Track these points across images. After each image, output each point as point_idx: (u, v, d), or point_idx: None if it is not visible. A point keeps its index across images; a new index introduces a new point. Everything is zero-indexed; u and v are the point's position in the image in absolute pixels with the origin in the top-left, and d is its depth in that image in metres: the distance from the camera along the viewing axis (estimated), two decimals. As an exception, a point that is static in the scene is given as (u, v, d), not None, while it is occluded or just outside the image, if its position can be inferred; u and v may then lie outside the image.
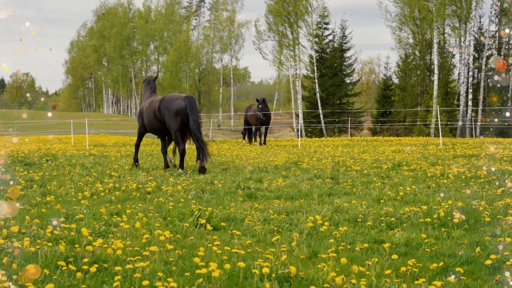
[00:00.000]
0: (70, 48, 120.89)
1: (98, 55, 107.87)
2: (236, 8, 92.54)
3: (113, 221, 7.87)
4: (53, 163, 15.91)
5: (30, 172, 13.45)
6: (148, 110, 15.56)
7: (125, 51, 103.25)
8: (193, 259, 5.84)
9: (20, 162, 15.97)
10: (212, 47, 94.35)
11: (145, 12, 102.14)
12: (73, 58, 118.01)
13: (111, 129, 61.88)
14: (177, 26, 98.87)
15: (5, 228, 7.10)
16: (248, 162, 16.48)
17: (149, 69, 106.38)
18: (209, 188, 11.02)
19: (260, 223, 7.84)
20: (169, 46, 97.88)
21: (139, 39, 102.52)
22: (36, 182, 11.64)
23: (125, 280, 5.24)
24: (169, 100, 15.02)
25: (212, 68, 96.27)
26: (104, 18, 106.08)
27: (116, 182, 11.62)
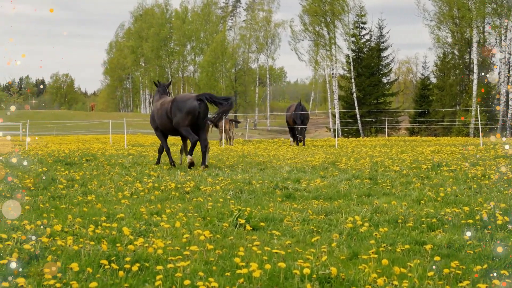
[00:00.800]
0: (108, 49, 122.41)
1: (136, 56, 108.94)
2: (272, 8, 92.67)
3: (153, 220, 7.94)
4: (93, 163, 16.12)
5: (71, 171, 13.66)
6: (161, 111, 15.93)
7: (162, 52, 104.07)
8: (233, 259, 5.85)
9: (61, 162, 16.22)
10: (248, 47, 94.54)
11: (182, 13, 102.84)
12: (112, 59, 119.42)
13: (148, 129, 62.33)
14: (213, 27, 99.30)
15: (48, 227, 7.23)
16: (285, 162, 16.46)
17: (186, 69, 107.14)
18: (247, 188, 11.04)
19: (299, 223, 7.82)
20: (205, 47, 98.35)
21: (176, 40, 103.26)
22: (77, 182, 11.81)
23: (166, 279, 5.29)
24: (181, 101, 15.41)
25: (248, 68, 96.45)
26: (142, 19, 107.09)
27: (155, 182, 11.72)
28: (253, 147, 26.26)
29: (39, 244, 6.32)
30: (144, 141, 36.63)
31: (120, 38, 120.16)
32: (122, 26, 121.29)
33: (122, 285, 5.12)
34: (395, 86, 74.60)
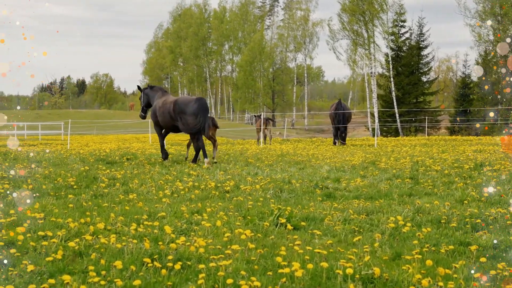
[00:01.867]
0: (147, 49, 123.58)
1: (174, 56, 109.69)
2: (310, 7, 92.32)
3: (194, 219, 7.98)
4: (133, 162, 16.29)
5: (112, 170, 13.82)
6: (163, 109, 16.88)
7: (201, 51, 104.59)
8: (275, 258, 5.84)
9: (102, 161, 16.42)
10: (286, 46, 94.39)
11: (221, 12, 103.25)
12: (150, 59, 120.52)
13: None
14: (251, 26, 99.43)
15: (91, 225, 7.32)
16: (324, 162, 16.38)
17: (224, 69, 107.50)
18: (287, 187, 11.02)
19: (340, 223, 7.77)
20: (243, 46, 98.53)
21: (214, 39, 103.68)
22: (119, 180, 11.95)
23: (209, 278, 5.30)
24: (184, 104, 16.43)
25: (286, 67, 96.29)
26: (180, 19, 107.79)
27: (195, 181, 11.78)
28: (291, 146, 26.21)
29: (83, 242, 6.41)
30: (183, 140, 36.85)
31: (159, 38, 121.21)
32: (160, 26, 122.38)
33: (165, 283, 5.15)
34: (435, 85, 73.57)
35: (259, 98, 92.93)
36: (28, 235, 6.72)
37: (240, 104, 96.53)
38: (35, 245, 6.31)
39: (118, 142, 34.55)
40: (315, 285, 5.18)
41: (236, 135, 56.21)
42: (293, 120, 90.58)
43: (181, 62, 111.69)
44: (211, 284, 5.17)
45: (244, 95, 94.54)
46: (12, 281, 5.04)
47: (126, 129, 61.88)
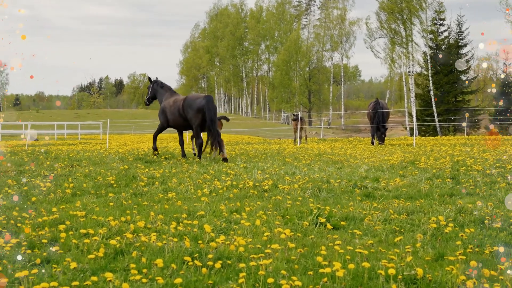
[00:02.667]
0: (184, 49, 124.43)
1: (211, 56, 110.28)
2: (347, 6, 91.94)
3: (233, 218, 7.98)
4: (171, 161, 16.39)
5: (151, 169, 13.92)
6: (173, 107, 17.72)
7: (237, 51, 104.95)
8: (315, 258, 5.80)
9: (141, 160, 16.56)
10: (323, 45, 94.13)
11: (257, 12, 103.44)
12: (187, 58, 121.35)
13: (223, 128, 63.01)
14: (287, 25, 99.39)
15: (132, 223, 7.38)
16: (362, 161, 16.25)
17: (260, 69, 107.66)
18: (325, 186, 10.95)
19: (381, 223, 7.69)
20: (279, 45, 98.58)
21: (251, 39, 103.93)
22: (157, 179, 12.03)
23: (249, 277, 5.29)
24: (192, 100, 17.26)
25: (322, 67, 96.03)
26: (217, 19, 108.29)
27: (233, 180, 11.79)
28: (328, 145, 26.06)
29: (124, 240, 6.46)
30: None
31: (196, 38, 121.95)
32: (197, 26, 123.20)
33: (205, 282, 5.15)
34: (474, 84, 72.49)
35: (295, 97, 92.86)
36: (70, 233, 6.81)
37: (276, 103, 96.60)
38: (77, 242, 6.38)
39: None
40: (356, 285, 5.12)
41: (272, 135, 56.25)
42: (329, 120, 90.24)
43: (217, 61, 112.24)
44: (252, 283, 5.16)
45: (280, 94, 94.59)
46: (56, 277, 5.10)
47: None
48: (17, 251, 6.03)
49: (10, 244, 6.14)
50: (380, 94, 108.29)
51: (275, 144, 30.18)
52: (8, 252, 5.97)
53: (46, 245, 6.36)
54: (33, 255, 5.90)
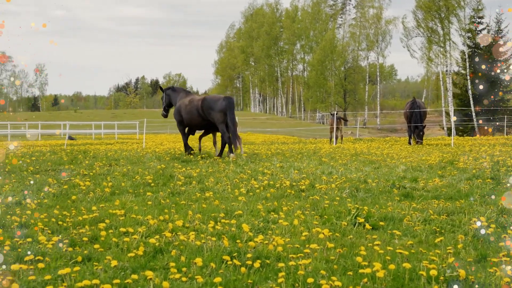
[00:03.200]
0: (219, 49, 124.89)
1: (246, 56, 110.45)
2: (383, 5, 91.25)
3: (270, 217, 7.97)
4: (207, 160, 16.44)
5: (188, 168, 13.99)
6: (190, 107, 18.05)
7: (272, 51, 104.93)
8: (354, 258, 5.76)
9: (177, 159, 16.67)
10: (358, 45, 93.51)
11: (292, 12, 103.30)
12: (222, 58, 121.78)
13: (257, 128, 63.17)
14: (323, 25, 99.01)
15: (170, 222, 7.43)
16: (400, 161, 16.08)
17: (295, 68, 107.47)
18: (363, 186, 10.87)
19: (420, 223, 7.59)
20: (315, 45, 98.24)
21: (286, 39, 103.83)
22: (194, 179, 12.08)
23: (288, 277, 5.27)
24: (213, 101, 17.68)
25: (358, 66, 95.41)
26: (252, 19, 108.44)
27: (270, 180, 11.77)
28: (365, 145, 25.88)
29: (163, 239, 6.50)
30: (254, 139, 37.06)
31: (231, 38, 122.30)
32: (232, 26, 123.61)
33: (245, 281, 5.15)
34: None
35: (331, 97, 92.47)
36: (110, 231, 6.88)
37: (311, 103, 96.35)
38: (117, 241, 6.44)
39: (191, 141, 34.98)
40: (397, 286, 5.07)
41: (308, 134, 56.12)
42: (365, 119, 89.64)
43: (252, 61, 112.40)
44: (291, 283, 5.14)
45: (316, 94, 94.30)
46: (98, 275, 5.15)
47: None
48: (59, 248, 6.12)
49: (52, 242, 6.23)
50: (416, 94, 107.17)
51: (311, 143, 30.08)
52: (50, 249, 6.05)
53: (86, 243, 6.43)
54: (74, 252, 5.97)
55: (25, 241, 6.33)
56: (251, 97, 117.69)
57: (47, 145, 29.34)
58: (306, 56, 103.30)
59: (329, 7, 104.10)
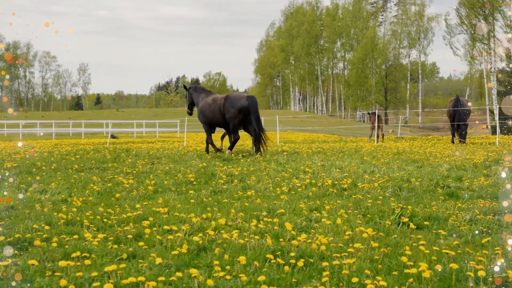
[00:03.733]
0: (259, 47, 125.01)
1: (286, 54, 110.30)
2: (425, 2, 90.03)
3: (313, 216, 7.93)
4: (248, 159, 16.47)
5: (229, 167, 14.03)
6: (213, 106, 18.38)
7: (312, 49, 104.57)
8: (399, 258, 5.69)
9: (219, 158, 16.73)
10: (400, 42, 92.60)
11: (333, 10, 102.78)
12: (262, 57, 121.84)
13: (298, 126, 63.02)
14: (364, 23, 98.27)
15: (213, 220, 7.45)
16: (443, 160, 15.86)
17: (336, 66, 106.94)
18: (406, 185, 10.74)
19: (466, 223, 7.46)
20: (355, 43, 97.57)
21: (326, 37, 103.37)
22: (236, 177, 12.10)
23: (332, 276, 5.23)
24: (235, 99, 18.02)
25: (399, 64, 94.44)
26: (292, 18, 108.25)
27: (311, 178, 11.73)
28: (407, 144, 25.60)
29: (206, 237, 6.52)
30: (294, 138, 36.98)
31: (271, 37, 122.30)
32: (272, 25, 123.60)
33: (289, 280, 5.12)
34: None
35: (371, 95, 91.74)
36: (154, 229, 6.94)
37: (351, 101, 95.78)
38: (161, 238, 6.49)
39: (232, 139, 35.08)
40: (444, 287, 4.99)
41: (348, 133, 55.78)
42: (406, 118, 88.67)
43: (292, 60, 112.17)
44: (335, 282, 5.10)
45: (356, 92, 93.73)
46: (143, 272, 5.20)
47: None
48: (104, 245, 6.20)
49: (97, 239, 6.31)
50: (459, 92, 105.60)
51: (352, 142, 29.90)
52: (95, 246, 6.14)
53: (131, 240, 6.50)
54: (119, 250, 6.04)
55: (72, 238, 6.43)
56: (291, 96, 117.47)
57: (90, 143, 29.80)
58: (346, 54, 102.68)
59: (370, 4, 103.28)
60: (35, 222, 7.38)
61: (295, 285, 5.05)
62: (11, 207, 8.58)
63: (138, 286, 4.81)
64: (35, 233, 6.74)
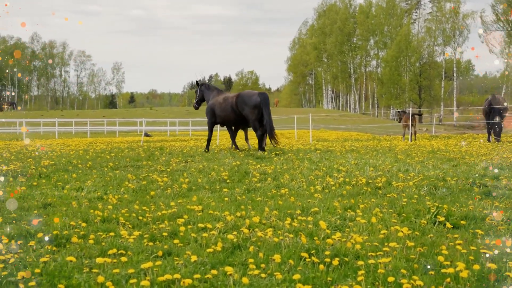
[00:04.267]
0: (291, 46, 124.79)
1: (318, 52, 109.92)
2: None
3: (347, 215, 7.89)
4: (282, 157, 16.45)
5: (262, 165, 14.03)
6: (224, 104, 18.66)
7: (345, 47, 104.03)
8: (436, 257, 5.63)
9: (252, 156, 16.75)
10: (434, 40, 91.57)
11: (366, 7, 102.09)
12: (294, 55, 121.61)
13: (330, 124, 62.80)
14: (397, 20, 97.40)
15: (247, 218, 7.46)
16: (479, 159, 15.64)
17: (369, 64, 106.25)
18: (441, 184, 10.62)
19: (504, 223, 7.34)
20: (389, 41, 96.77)
21: (359, 34, 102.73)
22: (269, 175, 12.10)
23: (368, 275, 5.20)
24: (247, 96, 18.22)
25: (434, 62, 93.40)
26: (325, 15, 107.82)
27: (345, 177, 11.67)
28: (441, 142, 25.32)
29: (241, 235, 6.54)
30: (327, 136, 36.85)
31: (303, 35, 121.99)
32: (305, 23, 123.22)
33: (324, 279, 5.10)
34: None
35: (405, 93, 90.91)
36: (188, 227, 6.98)
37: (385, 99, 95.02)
38: (196, 236, 6.53)
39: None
40: (482, 287, 4.92)
41: (381, 131, 55.34)
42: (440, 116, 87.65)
43: (325, 58, 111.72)
44: (371, 281, 5.06)
45: (389, 90, 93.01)
46: (178, 270, 5.23)
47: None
48: (140, 243, 6.25)
49: (133, 236, 6.37)
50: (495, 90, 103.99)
51: (385, 140, 29.68)
52: (131, 243, 6.19)
53: (166, 238, 6.55)
54: (155, 247, 6.08)
55: (108, 235, 6.50)
56: (323, 94, 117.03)
57: (124, 141, 30.09)
58: (380, 52, 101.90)
59: (404, 1, 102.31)
60: (72, 219, 7.48)
61: (330, 284, 5.03)
62: (48, 204, 8.72)
63: (174, 284, 4.84)
64: (72, 230, 6.84)
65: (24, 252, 5.91)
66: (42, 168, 13.41)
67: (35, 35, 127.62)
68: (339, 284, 4.99)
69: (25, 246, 6.13)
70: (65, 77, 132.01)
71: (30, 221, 7.26)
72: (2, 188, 10.32)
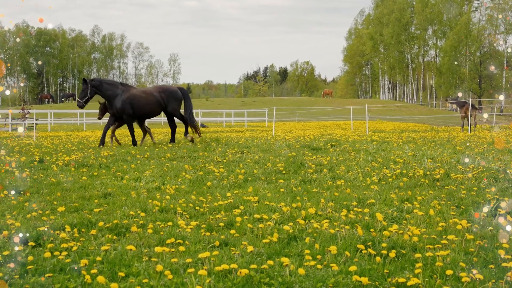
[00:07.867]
0: (347, 36, 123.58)
1: (374, 42, 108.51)
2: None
3: (404, 207, 7.81)
4: (337, 148, 16.37)
5: (318, 156, 14.00)
6: (145, 98, 18.82)
7: (403, 37, 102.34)
8: (496, 251, 5.52)
9: (307, 147, 16.72)
10: (496, 28, 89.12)
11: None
12: (350, 46, 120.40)
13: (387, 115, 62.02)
14: (457, 9, 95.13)
15: (303, 210, 7.47)
16: (542, 150, 15.19)
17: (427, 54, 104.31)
18: (502, 176, 10.38)
19: None
20: (448, 30, 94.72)
21: (417, 24, 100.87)
22: (325, 167, 12.07)
23: (426, 268, 5.14)
24: (174, 91, 19.42)
25: (495, 51, 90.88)
26: (383, 5, 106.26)
27: (402, 168, 11.53)
28: (502, 133, 24.71)
29: (297, 226, 6.55)
30: (384, 127, 36.42)
31: (360, 25, 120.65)
32: (362, 13, 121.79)
33: (380, 271, 5.08)
34: None
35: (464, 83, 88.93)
36: (245, 217, 7.03)
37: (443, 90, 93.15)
38: (252, 227, 6.58)
39: (319, 129, 35.03)
40: (544, 283, 4.80)
41: (440, 122, 54.35)
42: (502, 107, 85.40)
43: (382, 48, 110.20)
44: (429, 274, 5.01)
45: (448, 80, 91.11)
46: (235, 260, 5.29)
47: (328, 116, 62.53)
48: (197, 233, 6.34)
49: (190, 226, 6.47)
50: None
51: (443, 132, 29.17)
52: (189, 233, 6.29)
53: (223, 228, 6.62)
54: (211, 237, 6.16)
55: (166, 225, 6.62)
56: (380, 84, 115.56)
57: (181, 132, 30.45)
58: (438, 41, 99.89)
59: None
60: (131, 208, 7.64)
61: (387, 276, 4.99)
62: (108, 194, 8.93)
63: (231, 273, 4.90)
64: (131, 219, 6.99)
65: (86, 240, 6.08)
66: (102, 158, 13.71)
67: (96, 27, 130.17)
68: (396, 277, 4.95)
69: (87, 234, 6.30)
70: (123, 69, 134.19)
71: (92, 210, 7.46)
72: (65, 177, 10.62)
